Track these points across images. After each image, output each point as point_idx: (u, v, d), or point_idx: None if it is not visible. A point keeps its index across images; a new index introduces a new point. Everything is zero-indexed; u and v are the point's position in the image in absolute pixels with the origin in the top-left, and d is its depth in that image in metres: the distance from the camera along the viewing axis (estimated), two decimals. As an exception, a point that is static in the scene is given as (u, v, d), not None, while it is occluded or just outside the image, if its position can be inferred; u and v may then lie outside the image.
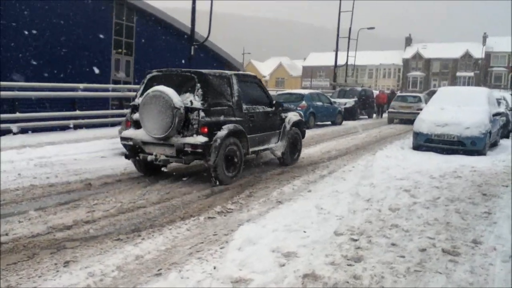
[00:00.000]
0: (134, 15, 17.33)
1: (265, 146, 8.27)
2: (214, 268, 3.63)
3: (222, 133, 6.80)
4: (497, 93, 17.51)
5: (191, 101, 6.72)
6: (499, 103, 13.74)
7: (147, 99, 6.70)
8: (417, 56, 75.04)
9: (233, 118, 7.21)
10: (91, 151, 9.67)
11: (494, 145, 11.72)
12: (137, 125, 7.12)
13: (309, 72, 77.53)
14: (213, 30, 16.57)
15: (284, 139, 8.60)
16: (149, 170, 7.45)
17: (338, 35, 30.78)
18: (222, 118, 7.00)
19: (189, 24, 16.56)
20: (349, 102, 22.42)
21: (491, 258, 3.95)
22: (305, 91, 19.16)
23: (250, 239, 4.20)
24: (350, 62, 36.05)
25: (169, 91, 6.58)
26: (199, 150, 6.62)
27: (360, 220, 4.96)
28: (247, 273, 3.50)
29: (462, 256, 3.98)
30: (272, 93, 27.27)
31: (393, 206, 5.54)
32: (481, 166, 8.60)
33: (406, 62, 75.94)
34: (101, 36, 15.88)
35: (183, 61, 17.78)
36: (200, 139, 6.60)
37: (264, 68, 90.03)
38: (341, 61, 33.65)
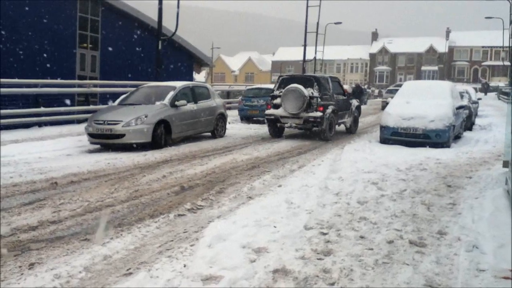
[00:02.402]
0: (99, 8, 16.92)
1: (343, 120, 13.28)
2: (184, 266, 3.60)
3: (328, 110, 11.85)
4: (460, 87, 18.04)
5: (312, 93, 11.77)
6: (462, 96, 14.15)
7: (287, 91, 11.75)
8: (383, 51, 76.43)
9: (331, 102, 12.18)
10: (57, 149, 9.44)
11: (457, 137, 12.07)
12: (275, 107, 12.17)
13: (278, 67, 77.74)
14: (181, 23, 16.37)
15: (351, 116, 13.74)
16: (276, 133, 12.56)
17: (306, 30, 30.94)
18: (327, 102, 11.98)
19: (156, 18, 16.30)
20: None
21: (456, 248, 4.07)
22: (275, 86, 19.19)
23: (220, 236, 4.18)
24: (319, 56, 36.40)
25: (301, 87, 11.67)
26: (318, 120, 11.68)
27: (329, 214, 5.02)
28: (217, 270, 3.49)
29: (428, 247, 4.08)
30: (241, 88, 27.29)
31: (361, 199, 5.63)
32: (445, 158, 8.84)
33: (372, 56, 77.22)
34: (65, 30, 15.44)
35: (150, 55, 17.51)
36: (318, 114, 11.69)
37: (234, 63, 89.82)
38: (310, 55, 33.90)
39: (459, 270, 3.61)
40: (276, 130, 12.50)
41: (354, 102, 14.05)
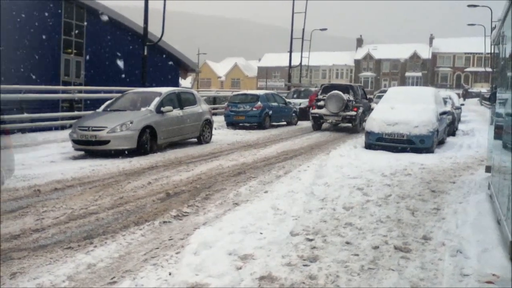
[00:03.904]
0: (85, 14, 16.79)
1: (366, 118, 14.58)
2: (170, 274, 3.57)
3: (360, 110, 16.03)
4: (444, 93, 18.27)
5: (348, 97, 15.81)
6: (445, 102, 14.32)
7: (330, 96, 15.67)
8: (368, 57, 77.15)
9: (360, 104, 16.30)
10: (40, 156, 9.31)
11: (441, 142, 12.20)
12: (319, 107, 16.16)
13: (264, 73, 77.98)
14: (167, 29, 16.34)
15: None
16: (318, 128, 16.50)
17: (292, 36, 31.10)
18: (358, 104, 16.08)
19: (141, 23, 16.22)
20: (304, 102, 22.66)
21: (440, 253, 4.11)
22: (260, 92, 19.21)
23: (206, 243, 4.16)
24: (304, 62, 36.56)
25: (340, 93, 15.69)
26: (353, 118, 15.75)
27: (315, 220, 5.03)
28: (203, 278, 3.47)
29: (413, 253, 4.11)
30: (227, 94, 27.29)
31: (347, 205, 5.66)
32: (429, 163, 8.94)
33: (357, 62, 77.89)
34: (50, 36, 15.28)
35: (131, 59, 17.41)
36: (353, 113, 15.78)
37: (220, 69, 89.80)
38: (296, 61, 34.04)
39: (444, 275, 3.64)
40: (319, 125, 16.58)
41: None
